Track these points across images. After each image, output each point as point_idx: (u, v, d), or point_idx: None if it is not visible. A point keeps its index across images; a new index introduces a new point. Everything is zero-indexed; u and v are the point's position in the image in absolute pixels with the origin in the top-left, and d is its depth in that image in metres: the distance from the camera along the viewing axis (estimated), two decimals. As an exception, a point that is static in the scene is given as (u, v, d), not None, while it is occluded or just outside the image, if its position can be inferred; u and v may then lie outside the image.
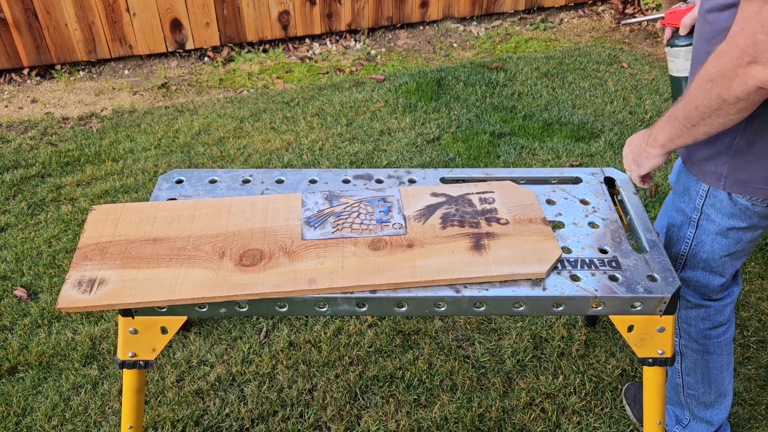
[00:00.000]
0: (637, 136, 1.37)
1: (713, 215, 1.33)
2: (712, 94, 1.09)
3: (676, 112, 1.19)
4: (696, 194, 1.35)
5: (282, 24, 4.04)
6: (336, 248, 1.28)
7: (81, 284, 1.20)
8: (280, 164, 2.97)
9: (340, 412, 1.86)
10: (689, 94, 1.14)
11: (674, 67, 1.50)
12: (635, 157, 1.35)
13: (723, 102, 1.09)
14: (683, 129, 1.19)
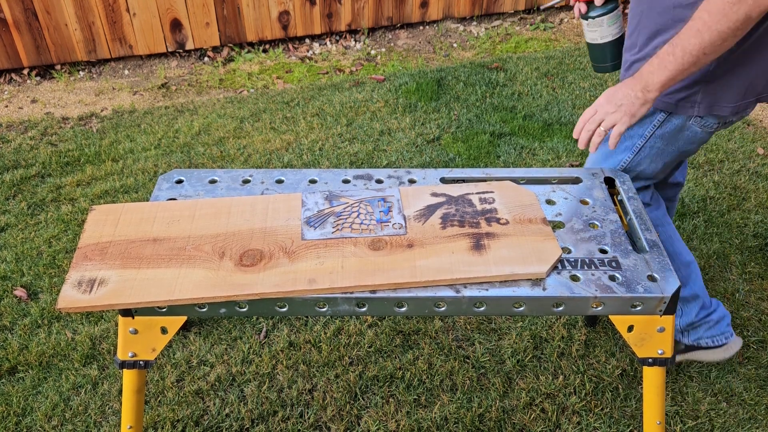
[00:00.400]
0: (620, 89, 1.33)
1: (658, 143, 1.45)
2: (739, 14, 1.12)
3: (677, 49, 1.21)
4: (649, 124, 1.45)
5: (282, 24, 4.04)
6: (336, 248, 1.28)
7: (81, 284, 1.20)
8: (280, 164, 2.97)
9: (340, 412, 1.86)
10: (704, 24, 1.16)
11: (598, 35, 1.56)
12: (629, 109, 1.31)
13: (747, 20, 1.13)
14: (692, 62, 1.21)
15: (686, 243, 2.46)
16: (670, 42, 1.24)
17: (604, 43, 1.58)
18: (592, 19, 1.54)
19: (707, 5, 1.17)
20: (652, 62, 1.28)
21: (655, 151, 1.52)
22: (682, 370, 1.98)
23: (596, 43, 1.59)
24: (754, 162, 2.95)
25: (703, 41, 1.19)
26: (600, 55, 1.62)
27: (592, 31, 1.57)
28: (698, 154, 2.99)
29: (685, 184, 2.78)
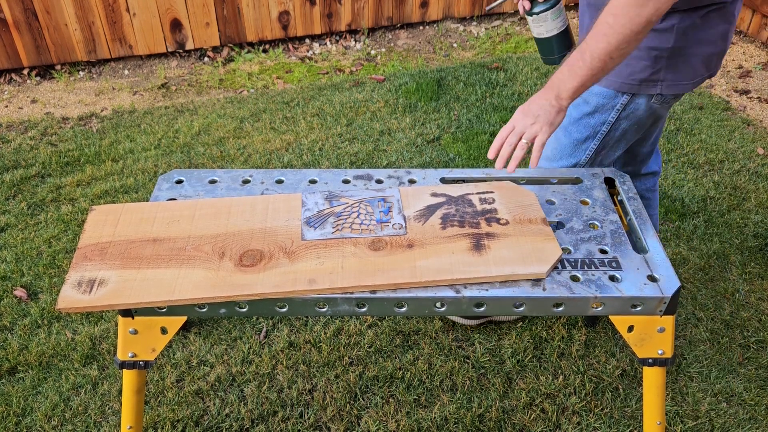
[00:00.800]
0: (534, 101, 1.33)
1: (623, 124, 1.50)
2: (642, 17, 1.18)
3: (585, 54, 1.24)
4: (612, 109, 1.49)
5: (282, 24, 4.04)
6: (336, 248, 1.28)
7: (81, 284, 1.20)
8: (280, 164, 2.97)
9: (340, 412, 1.86)
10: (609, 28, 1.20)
11: (544, 30, 1.61)
12: (547, 118, 1.31)
13: (649, 23, 1.19)
14: (600, 67, 1.24)
15: (686, 243, 2.46)
16: (579, 47, 1.27)
17: (550, 36, 1.63)
18: (536, 14, 1.58)
19: (612, 9, 1.20)
20: (563, 69, 1.30)
21: (620, 134, 1.56)
22: (682, 370, 1.99)
23: (543, 37, 1.64)
24: (754, 162, 2.95)
25: (609, 45, 1.22)
26: (548, 48, 1.67)
27: (538, 26, 1.61)
28: (698, 155, 3.00)
29: (685, 184, 2.79)
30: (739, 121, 3.28)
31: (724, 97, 3.54)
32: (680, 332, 2.11)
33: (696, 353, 2.04)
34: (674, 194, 2.73)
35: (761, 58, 3.92)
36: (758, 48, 4.02)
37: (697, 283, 2.28)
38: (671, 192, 2.74)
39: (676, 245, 2.45)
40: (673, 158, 2.97)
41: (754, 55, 3.95)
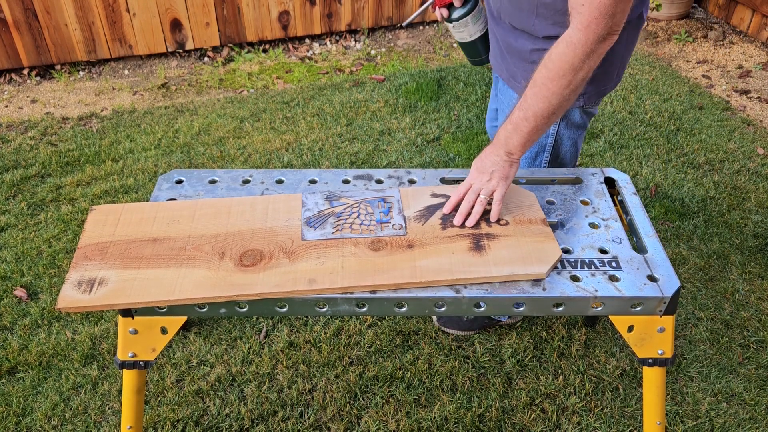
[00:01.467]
0: (487, 157, 1.37)
1: (565, 132, 1.57)
2: (579, 76, 1.25)
3: (528, 113, 1.30)
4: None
5: (282, 24, 4.04)
6: (336, 248, 1.28)
7: (81, 284, 1.20)
8: (280, 164, 2.97)
9: (340, 412, 1.86)
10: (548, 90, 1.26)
11: (467, 35, 1.62)
12: (502, 173, 1.35)
13: (585, 80, 1.27)
14: (544, 122, 1.31)
15: (686, 243, 2.46)
16: (520, 106, 1.31)
17: (474, 40, 1.64)
18: (456, 21, 1.58)
19: (548, 73, 1.25)
20: (507, 127, 1.33)
21: (567, 140, 1.62)
22: (682, 370, 1.99)
23: (466, 41, 1.65)
24: (754, 162, 2.95)
25: (551, 104, 1.28)
26: (474, 51, 1.69)
27: (460, 31, 1.62)
28: (698, 155, 3.00)
29: (685, 184, 2.79)
30: (739, 121, 3.28)
31: (724, 97, 3.54)
32: (680, 332, 2.11)
33: (696, 353, 2.04)
34: (674, 194, 2.73)
35: (761, 58, 3.92)
36: (758, 48, 4.02)
37: (697, 283, 2.28)
38: (671, 192, 2.75)
39: (676, 245, 2.45)
40: (673, 158, 2.97)
41: (754, 55, 3.95)
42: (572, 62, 1.23)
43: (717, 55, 4.00)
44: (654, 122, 3.26)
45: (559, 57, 1.24)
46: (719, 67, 3.86)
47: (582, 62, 1.23)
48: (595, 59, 1.25)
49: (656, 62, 3.94)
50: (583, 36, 1.21)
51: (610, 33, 1.22)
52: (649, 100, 3.47)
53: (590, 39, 1.21)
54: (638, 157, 2.98)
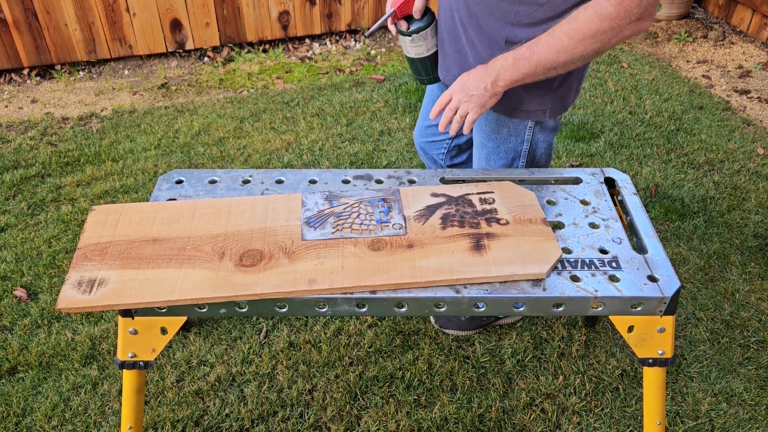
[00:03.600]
0: (472, 78, 1.41)
1: (540, 136, 1.60)
2: (593, 46, 1.27)
3: (533, 56, 1.32)
4: (525, 129, 1.58)
5: (282, 24, 4.04)
6: (336, 249, 1.28)
7: (81, 284, 1.20)
8: (280, 164, 2.97)
9: (340, 412, 1.86)
10: (562, 47, 1.29)
11: (424, 49, 1.57)
12: (479, 100, 1.40)
13: (598, 53, 1.30)
14: (542, 72, 1.34)
15: (686, 243, 2.46)
16: (529, 47, 1.33)
17: (430, 55, 1.59)
18: (416, 34, 1.53)
19: (569, 30, 1.27)
20: (507, 58, 1.36)
21: (541, 143, 1.65)
22: (682, 371, 1.99)
23: (423, 56, 1.59)
24: (754, 162, 2.95)
25: (557, 60, 1.31)
26: (426, 68, 1.62)
27: (418, 45, 1.56)
28: (698, 155, 2.99)
29: (685, 184, 2.79)
30: (739, 121, 3.28)
31: (724, 97, 3.54)
32: (680, 332, 2.11)
33: (696, 353, 2.04)
34: (674, 194, 2.73)
35: (761, 58, 3.92)
36: (758, 48, 4.02)
37: (697, 283, 2.28)
38: (671, 192, 2.74)
39: (676, 245, 2.45)
40: (673, 158, 2.97)
41: (754, 55, 3.95)
42: (595, 31, 1.25)
43: (717, 55, 4.00)
44: (654, 122, 3.26)
45: (586, 22, 1.25)
46: (719, 67, 3.86)
47: (603, 35, 1.25)
48: (616, 39, 1.26)
49: (656, 62, 3.94)
50: (614, 11, 1.22)
51: (641, 18, 1.23)
52: (649, 100, 3.47)
53: (621, 15, 1.22)
54: (638, 157, 2.98)
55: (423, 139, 1.94)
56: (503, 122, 1.60)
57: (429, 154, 1.97)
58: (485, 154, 1.69)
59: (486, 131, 1.64)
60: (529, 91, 1.51)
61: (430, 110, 1.84)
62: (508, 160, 1.67)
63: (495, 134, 1.63)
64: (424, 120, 1.91)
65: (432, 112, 1.48)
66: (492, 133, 1.63)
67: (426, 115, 1.89)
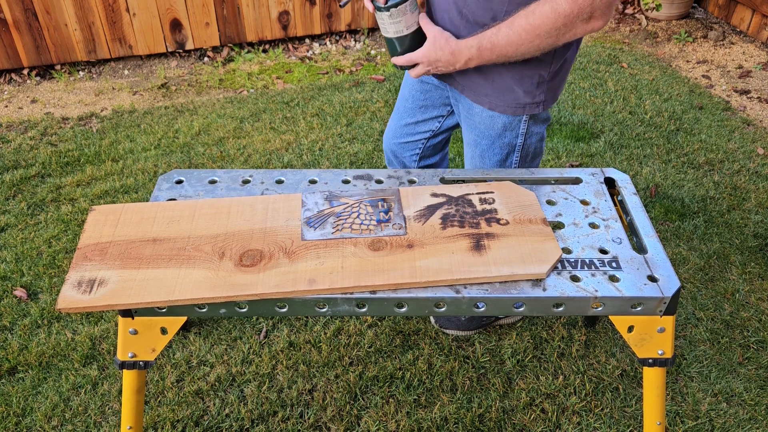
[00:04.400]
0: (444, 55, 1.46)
1: (534, 128, 1.63)
2: (548, 41, 1.35)
3: (495, 48, 1.40)
4: (520, 123, 1.61)
5: (282, 24, 4.04)
6: (336, 249, 1.28)
7: (81, 284, 1.20)
8: (280, 164, 2.97)
9: (340, 412, 1.86)
10: (518, 39, 1.36)
11: (403, 26, 1.42)
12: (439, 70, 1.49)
13: (554, 45, 1.37)
14: (501, 62, 1.44)
15: (686, 243, 2.46)
16: (490, 38, 1.40)
17: (409, 33, 1.44)
18: (394, 8, 1.37)
19: (527, 25, 1.34)
20: (472, 48, 1.43)
21: (534, 135, 1.67)
22: (682, 371, 1.99)
23: (402, 35, 1.44)
24: (754, 162, 2.95)
25: (516, 51, 1.40)
26: (407, 47, 1.47)
27: (396, 22, 1.41)
28: (698, 155, 2.99)
29: (685, 184, 2.79)
30: (739, 121, 3.28)
31: (724, 97, 3.54)
32: (680, 332, 2.11)
33: (696, 353, 2.04)
34: (674, 194, 2.73)
35: (761, 58, 3.92)
36: (758, 48, 4.02)
37: (697, 283, 2.28)
38: (671, 192, 2.74)
39: (676, 245, 2.45)
40: (673, 158, 2.97)
41: (754, 55, 3.95)
42: (550, 27, 1.33)
43: (717, 55, 4.00)
44: (654, 122, 3.26)
45: (542, 18, 1.32)
46: (719, 67, 3.86)
47: (558, 31, 1.33)
48: (569, 35, 1.35)
49: (656, 62, 3.93)
50: (569, 8, 1.29)
51: (592, 17, 1.31)
52: (649, 100, 3.47)
53: (575, 13, 1.29)
54: (638, 157, 2.98)
55: (397, 140, 1.89)
56: (498, 118, 1.60)
57: (400, 158, 1.92)
58: (479, 151, 1.69)
59: (480, 128, 1.64)
60: (524, 87, 1.53)
61: (406, 108, 1.83)
62: (503, 156, 1.68)
63: (490, 131, 1.63)
64: (400, 119, 1.87)
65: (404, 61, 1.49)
66: (486, 130, 1.64)
67: (401, 113, 1.85)
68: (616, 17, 4.58)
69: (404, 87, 1.85)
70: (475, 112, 1.63)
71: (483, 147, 1.67)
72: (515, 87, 1.53)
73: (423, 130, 1.84)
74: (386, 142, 1.94)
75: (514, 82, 1.52)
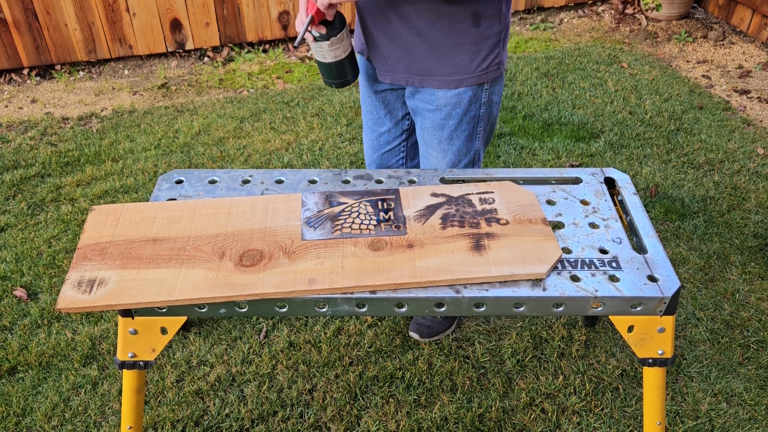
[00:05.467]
0: None
1: (495, 95, 1.67)
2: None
3: None
4: (482, 93, 1.63)
5: (282, 24, 4.04)
6: (336, 248, 1.28)
7: (81, 284, 1.20)
8: (280, 164, 2.97)
9: (340, 412, 1.86)
10: None
11: (341, 51, 1.55)
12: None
13: None
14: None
15: (686, 243, 2.46)
16: None
17: (346, 56, 1.58)
18: (334, 37, 1.51)
19: None
20: None
21: (496, 108, 1.70)
22: (682, 370, 1.99)
23: (340, 59, 1.57)
24: (754, 162, 2.95)
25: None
26: (344, 69, 1.60)
27: (335, 48, 1.54)
28: (698, 154, 2.99)
29: (685, 184, 2.79)
30: (739, 121, 3.28)
31: (724, 97, 3.54)
32: (680, 332, 2.11)
33: (696, 353, 2.04)
34: (674, 194, 2.73)
35: (761, 58, 3.92)
36: (758, 48, 4.02)
37: (697, 283, 2.28)
38: (671, 192, 2.75)
39: (676, 245, 2.45)
40: (673, 158, 2.97)
41: (754, 55, 3.95)
42: None
43: (717, 55, 4.00)
44: (654, 122, 3.26)
45: None
46: (719, 67, 3.86)
47: None
48: None
49: (656, 62, 3.94)
50: None
51: None
52: (649, 100, 3.47)
53: None
54: (638, 157, 2.98)
55: (379, 152, 1.89)
56: (464, 93, 1.61)
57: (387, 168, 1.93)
58: (447, 134, 1.68)
59: (445, 110, 1.64)
60: (483, 52, 1.57)
61: (374, 120, 1.83)
62: (471, 130, 1.69)
63: (456, 109, 1.64)
64: (372, 132, 1.87)
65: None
66: (453, 109, 1.64)
67: (372, 126, 1.85)
68: (616, 17, 4.58)
69: (364, 102, 1.85)
70: (438, 96, 1.63)
71: (450, 127, 1.67)
72: (475, 57, 1.57)
73: (398, 133, 1.85)
74: (369, 159, 1.94)
75: (473, 53, 1.56)
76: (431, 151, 1.73)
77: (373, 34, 1.61)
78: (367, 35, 1.63)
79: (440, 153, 1.71)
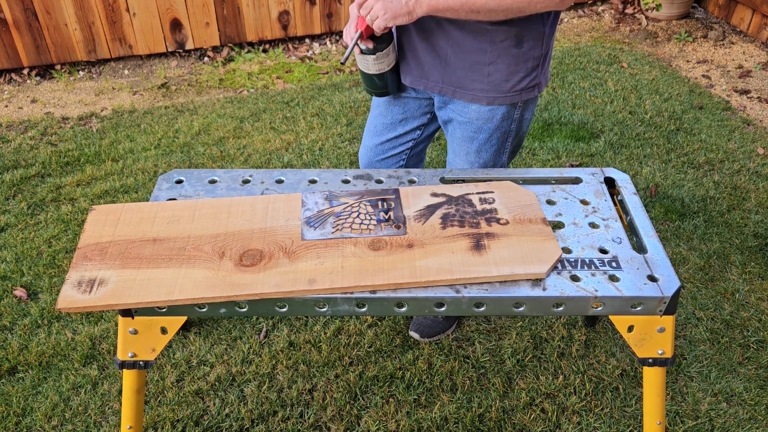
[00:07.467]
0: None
1: (528, 112, 1.68)
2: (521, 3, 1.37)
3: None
4: (514, 111, 1.63)
5: (282, 24, 4.04)
6: (336, 248, 1.28)
7: (81, 284, 1.20)
8: (280, 164, 2.97)
9: (340, 412, 1.86)
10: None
11: (386, 64, 1.61)
12: (395, 12, 1.42)
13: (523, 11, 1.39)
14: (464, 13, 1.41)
15: (686, 243, 2.46)
16: None
17: (391, 69, 1.64)
18: (381, 51, 1.57)
19: None
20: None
21: (526, 124, 1.71)
22: (682, 370, 1.99)
23: (384, 72, 1.63)
24: (754, 162, 2.95)
25: (486, 6, 1.38)
26: (386, 81, 1.66)
27: (380, 62, 1.60)
28: (698, 154, 2.99)
29: (685, 184, 2.79)
30: (739, 121, 3.28)
31: (724, 97, 3.54)
32: (680, 332, 2.11)
33: (696, 353, 2.04)
34: (674, 194, 2.73)
35: (761, 58, 3.92)
36: (758, 48, 4.02)
37: (697, 283, 2.28)
38: (671, 192, 2.75)
39: (676, 245, 2.45)
40: (673, 158, 2.97)
41: (754, 55, 3.95)
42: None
43: (717, 55, 4.00)
44: (654, 122, 3.26)
45: None
46: (719, 66, 3.86)
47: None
48: (542, 5, 1.38)
49: (656, 62, 3.93)
50: None
51: None
52: (649, 100, 3.47)
53: None
54: (638, 157, 2.98)
55: (377, 157, 1.87)
56: (497, 110, 1.62)
57: None
58: (476, 146, 1.69)
59: (476, 124, 1.65)
60: (520, 74, 1.56)
61: (384, 125, 1.82)
62: (500, 144, 1.69)
63: (488, 124, 1.64)
64: (377, 137, 1.85)
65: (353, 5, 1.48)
66: (485, 124, 1.65)
67: (379, 131, 1.84)
68: (616, 17, 4.58)
69: (378, 105, 1.83)
70: (471, 110, 1.63)
71: (480, 141, 1.68)
72: (511, 77, 1.56)
73: (406, 141, 1.84)
74: (363, 160, 1.92)
75: (511, 73, 1.55)
76: (458, 160, 1.75)
77: (411, 37, 1.61)
78: (405, 39, 1.63)
79: (467, 164, 1.73)
